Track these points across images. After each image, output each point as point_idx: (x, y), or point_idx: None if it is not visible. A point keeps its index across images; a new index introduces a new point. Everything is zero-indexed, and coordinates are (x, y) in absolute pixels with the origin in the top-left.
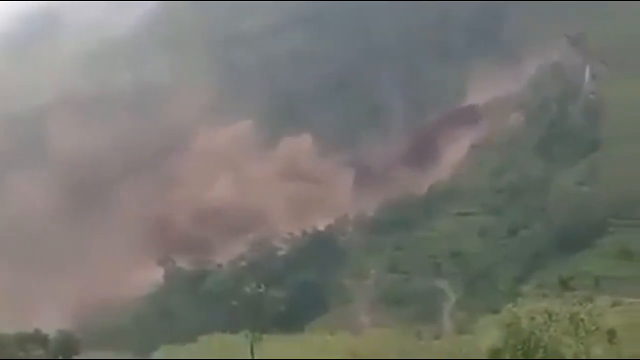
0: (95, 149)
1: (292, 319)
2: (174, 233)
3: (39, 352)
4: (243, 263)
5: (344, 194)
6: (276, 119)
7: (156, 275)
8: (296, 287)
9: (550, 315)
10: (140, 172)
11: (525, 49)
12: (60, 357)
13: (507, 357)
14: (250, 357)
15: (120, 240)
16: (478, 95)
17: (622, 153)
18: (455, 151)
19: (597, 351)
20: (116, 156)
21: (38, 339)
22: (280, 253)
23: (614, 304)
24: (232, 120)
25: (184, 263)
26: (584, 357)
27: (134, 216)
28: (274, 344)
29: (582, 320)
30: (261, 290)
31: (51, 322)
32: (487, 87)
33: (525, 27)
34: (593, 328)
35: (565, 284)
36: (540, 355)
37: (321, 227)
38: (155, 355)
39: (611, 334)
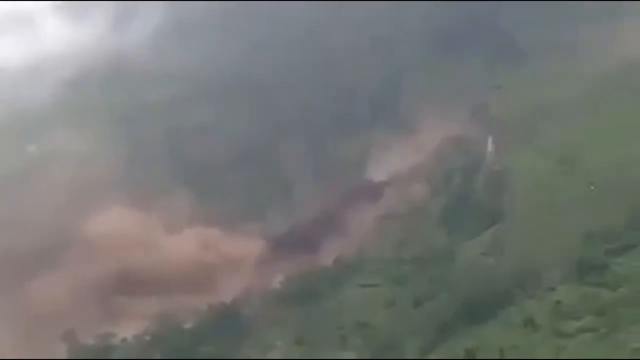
0: None
1: None
2: (73, 309)
3: None
4: (148, 337)
5: (249, 266)
6: (180, 191)
7: (59, 352)
8: None
9: None
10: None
11: (427, 121)
12: None
13: None
14: None
15: (17, 319)
16: (382, 167)
17: (524, 224)
18: (360, 223)
19: None
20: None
21: None
22: (186, 326)
23: None
24: (134, 191)
25: (87, 338)
26: None
27: (28, 293)
28: None
29: None
30: None
31: None
32: (391, 160)
33: (426, 99)
34: None
35: (471, 355)
36: None
37: (227, 300)
38: None
39: None
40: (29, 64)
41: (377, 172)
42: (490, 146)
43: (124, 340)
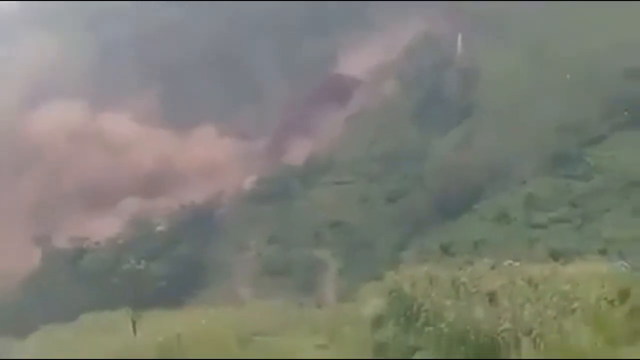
0: None
1: (173, 294)
2: (48, 211)
3: None
4: (121, 240)
5: (221, 167)
6: (148, 92)
7: (33, 255)
8: (176, 262)
9: (431, 280)
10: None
11: (397, 18)
12: None
13: (390, 324)
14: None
15: None
16: (352, 65)
17: (496, 118)
18: (330, 121)
19: (479, 312)
20: None
21: None
22: (159, 228)
23: (493, 267)
24: (101, 92)
25: (61, 242)
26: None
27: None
28: (155, 319)
29: (463, 283)
30: (140, 266)
31: None
32: (361, 57)
33: None
34: (474, 290)
35: (445, 249)
36: (422, 319)
37: (199, 200)
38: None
39: (491, 296)
40: None
41: (347, 70)
42: (460, 43)
43: (97, 243)
